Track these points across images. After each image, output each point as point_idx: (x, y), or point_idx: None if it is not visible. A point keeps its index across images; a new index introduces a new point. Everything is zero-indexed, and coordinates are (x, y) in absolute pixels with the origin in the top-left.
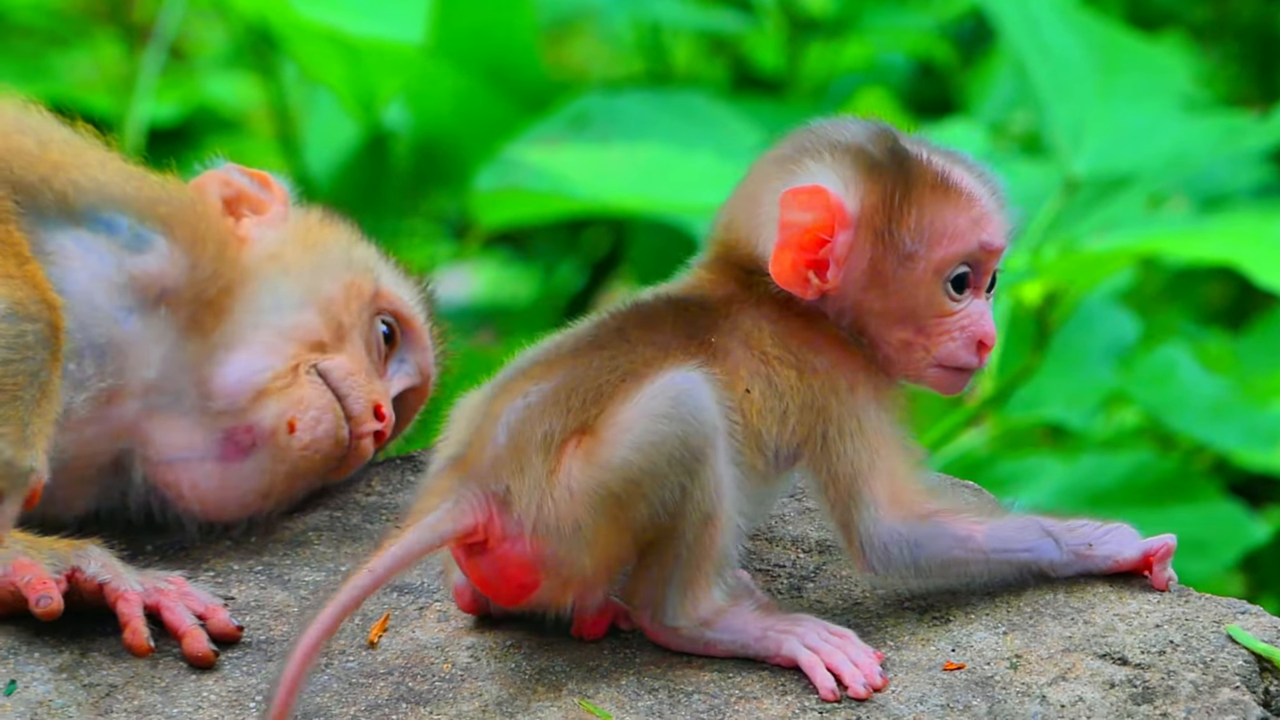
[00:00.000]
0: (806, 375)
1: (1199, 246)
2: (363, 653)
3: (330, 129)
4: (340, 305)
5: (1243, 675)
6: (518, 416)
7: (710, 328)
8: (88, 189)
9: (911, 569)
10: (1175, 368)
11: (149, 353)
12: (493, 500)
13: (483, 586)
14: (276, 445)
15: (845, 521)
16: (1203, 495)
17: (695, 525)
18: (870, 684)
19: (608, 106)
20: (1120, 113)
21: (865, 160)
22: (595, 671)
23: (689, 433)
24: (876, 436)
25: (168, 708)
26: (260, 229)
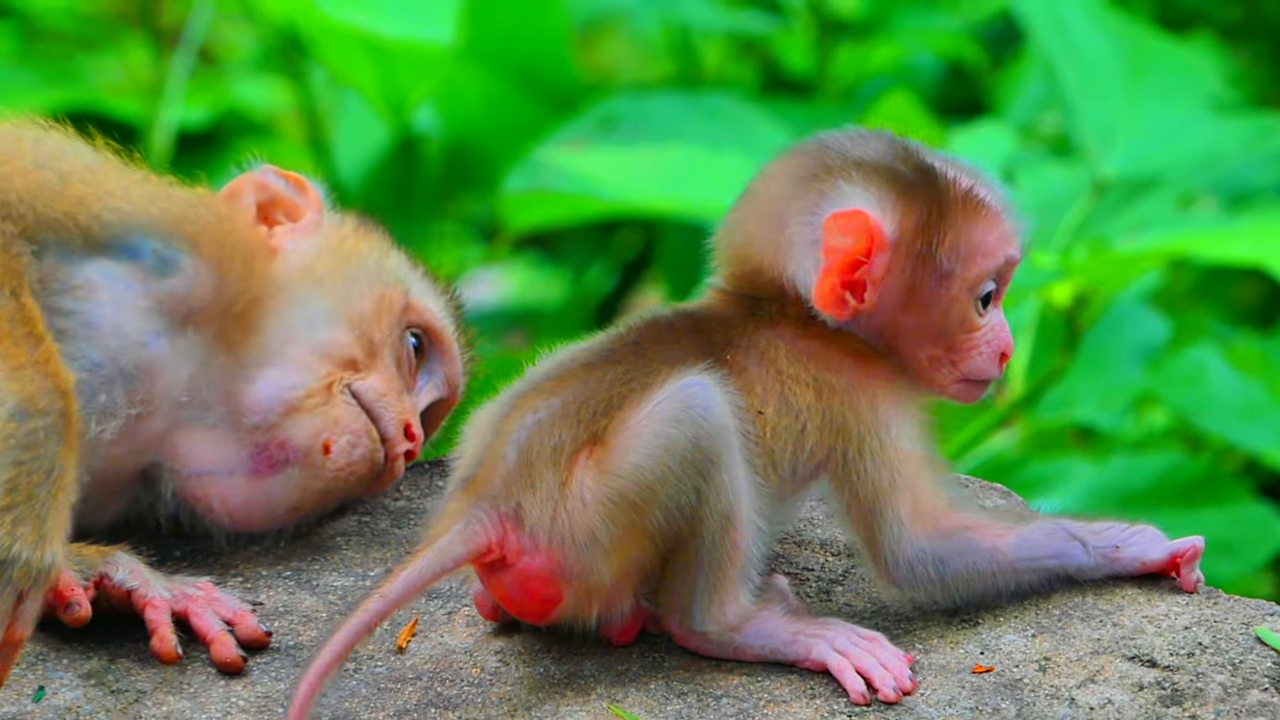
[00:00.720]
0: (825, 394)
1: (1228, 247)
2: (391, 658)
3: (360, 132)
4: (372, 321)
5: (1271, 677)
6: (527, 433)
7: (726, 344)
8: (111, 220)
9: (938, 585)
10: (1205, 369)
11: (178, 373)
12: (505, 519)
13: (508, 605)
14: (311, 464)
15: (869, 539)
16: (1233, 496)
17: (715, 528)
18: (900, 687)
19: (636, 108)
20: (1149, 113)
21: (899, 180)
22: (624, 675)
23: (700, 435)
24: (898, 453)
25: (196, 713)
26: (293, 239)
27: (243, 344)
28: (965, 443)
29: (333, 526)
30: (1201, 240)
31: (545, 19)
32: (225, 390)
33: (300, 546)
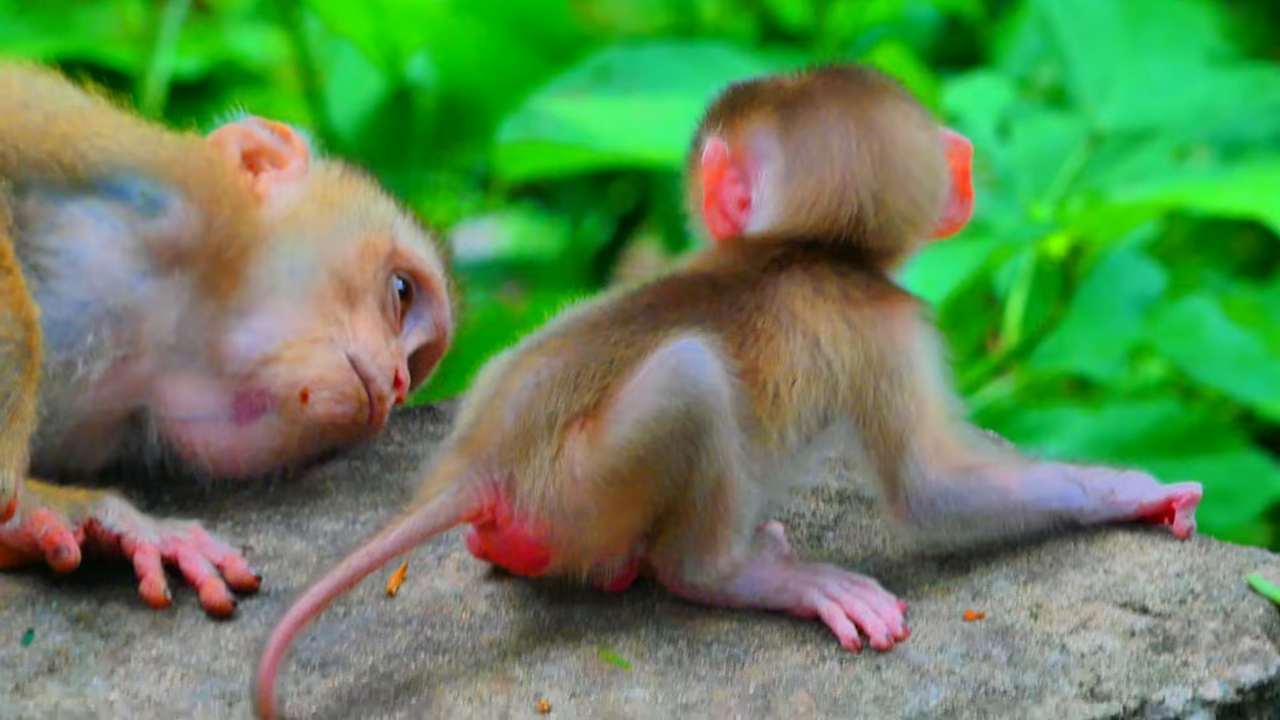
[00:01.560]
0: (858, 340)
1: (1224, 198)
2: (381, 602)
3: (354, 82)
4: (355, 267)
5: (1264, 624)
6: (526, 397)
7: (755, 309)
8: (97, 160)
9: (957, 522)
10: (1201, 319)
11: (165, 315)
12: (499, 484)
13: (497, 559)
14: (289, 412)
15: (890, 475)
16: (1228, 446)
17: (707, 492)
18: (892, 633)
19: (631, 59)
20: (1146, 66)
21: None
22: (614, 621)
23: (691, 404)
24: (922, 389)
25: (186, 656)
26: (279, 185)
27: (229, 290)
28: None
29: (323, 471)
30: (1197, 192)
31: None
32: (210, 337)
33: (290, 491)
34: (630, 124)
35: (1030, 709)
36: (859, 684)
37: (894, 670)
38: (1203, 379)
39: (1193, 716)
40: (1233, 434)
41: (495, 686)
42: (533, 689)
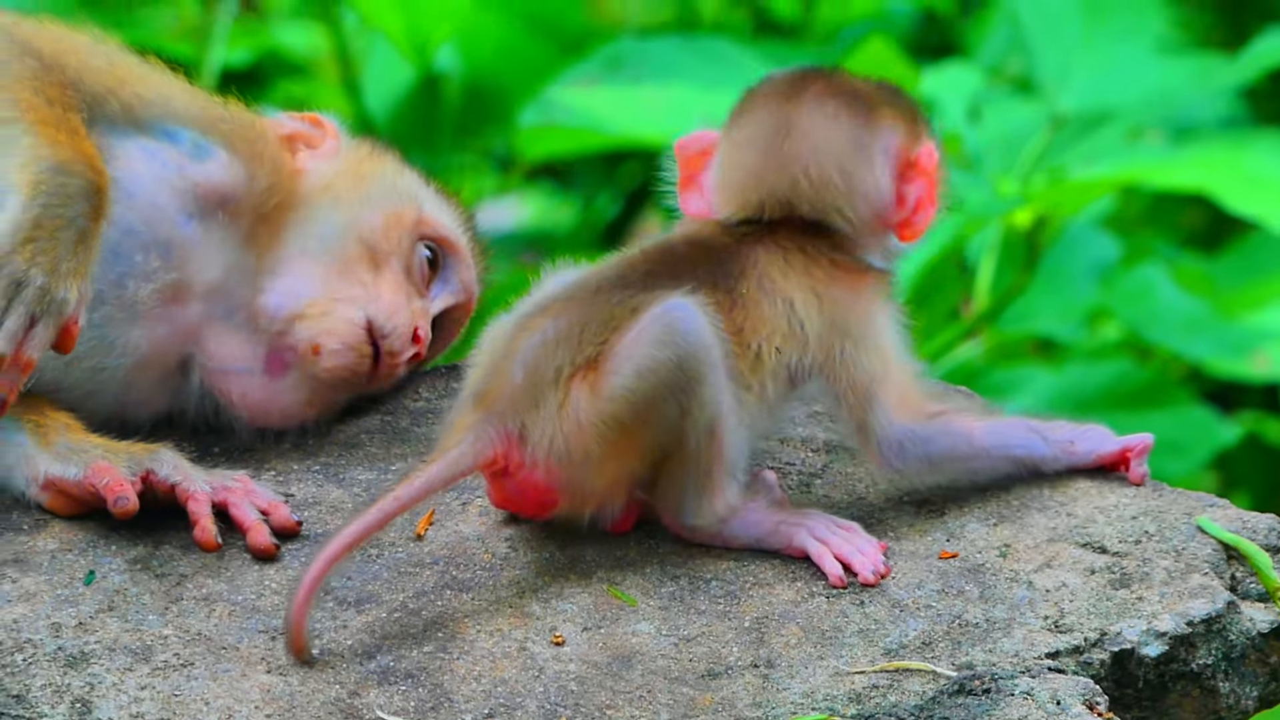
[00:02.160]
0: (825, 303)
1: (1175, 176)
2: (410, 544)
3: (388, 72)
4: (381, 234)
5: (1211, 563)
6: (534, 354)
7: (739, 276)
8: (152, 100)
9: (925, 463)
10: (1153, 286)
11: (210, 257)
12: (510, 435)
13: (508, 504)
14: (305, 366)
15: (862, 424)
16: (1178, 401)
17: (700, 438)
18: (877, 571)
19: (639, 50)
20: (1103, 54)
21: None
22: (622, 561)
23: (683, 356)
24: (886, 349)
25: (233, 595)
26: (314, 161)
27: (268, 249)
28: (934, 352)
29: (358, 425)
30: (1150, 169)
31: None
32: (247, 294)
33: (328, 443)
34: (638, 110)
35: (1000, 640)
36: (844, 618)
37: (876, 605)
38: (1155, 340)
39: (1147, 647)
40: (1182, 390)
41: (514, 621)
42: (548, 624)
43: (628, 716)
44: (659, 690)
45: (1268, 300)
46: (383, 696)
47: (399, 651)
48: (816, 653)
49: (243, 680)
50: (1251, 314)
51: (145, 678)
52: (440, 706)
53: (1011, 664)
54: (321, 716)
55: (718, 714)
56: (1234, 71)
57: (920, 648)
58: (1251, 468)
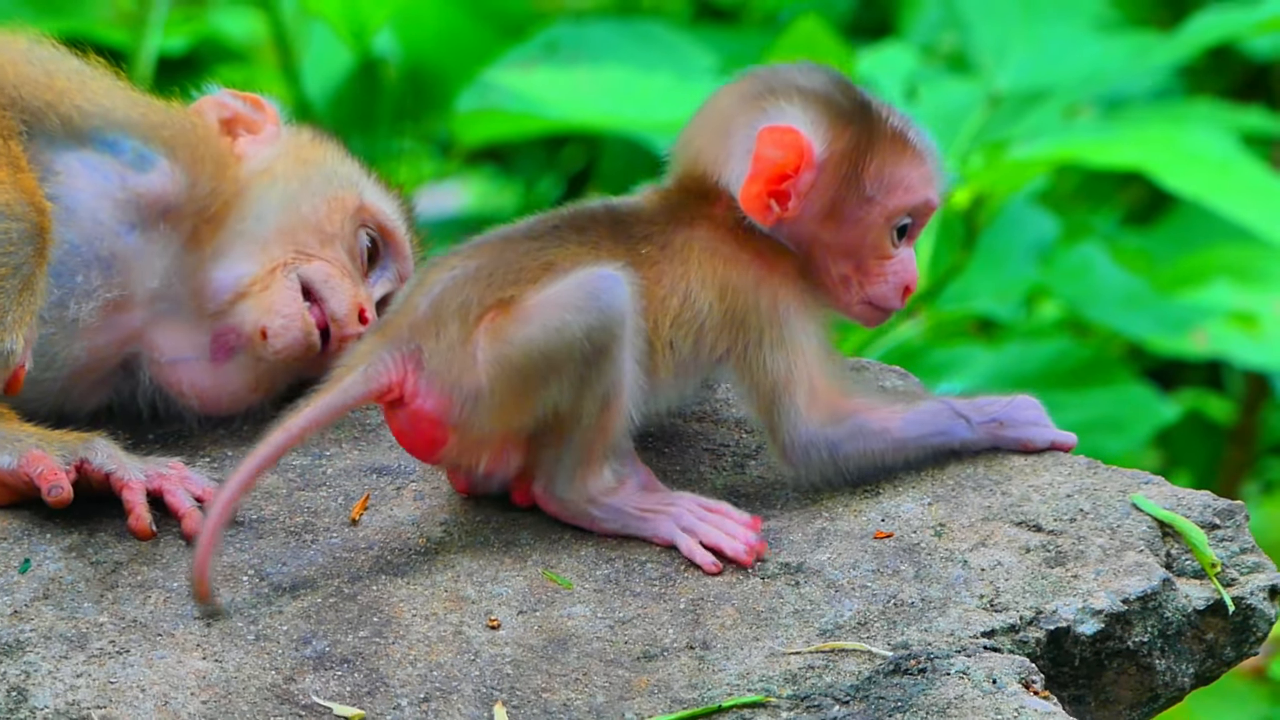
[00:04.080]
0: (728, 295)
1: (1112, 153)
2: (345, 529)
3: (327, 58)
4: (324, 217)
5: (1146, 540)
6: (441, 288)
7: (644, 239)
8: (92, 113)
9: (831, 467)
10: (1092, 264)
11: (152, 265)
12: (407, 360)
13: (400, 439)
14: (254, 348)
15: (770, 424)
16: (1117, 379)
17: (592, 411)
18: (751, 549)
19: (576, 34)
20: (1039, 32)
21: (835, 109)
22: (557, 544)
23: (594, 327)
24: (797, 347)
25: (168, 581)
26: (254, 147)
27: (210, 241)
28: (873, 333)
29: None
30: (1087, 147)
31: None
32: (193, 283)
33: (261, 428)
34: (575, 93)
35: (935, 619)
36: (779, 599)
37: (811, 586)
38: (1094, 318)
39: (1083, 625)
40: (1121, 367)
41: (449, 605)
42: (483, 607)
43: (563, 699)
44: (594, 673)
45: (1206, 276)
46: (319, 682)
47: (335, 637)
48: (752, 634)
49: (178, 666)
50: (1190, 291)
51: (81, 665)
52: (376, 691)
53: (947, 643)
54: (257, 702)
55: (653, 696)
56: (1171, 49)
57: (856, 628)
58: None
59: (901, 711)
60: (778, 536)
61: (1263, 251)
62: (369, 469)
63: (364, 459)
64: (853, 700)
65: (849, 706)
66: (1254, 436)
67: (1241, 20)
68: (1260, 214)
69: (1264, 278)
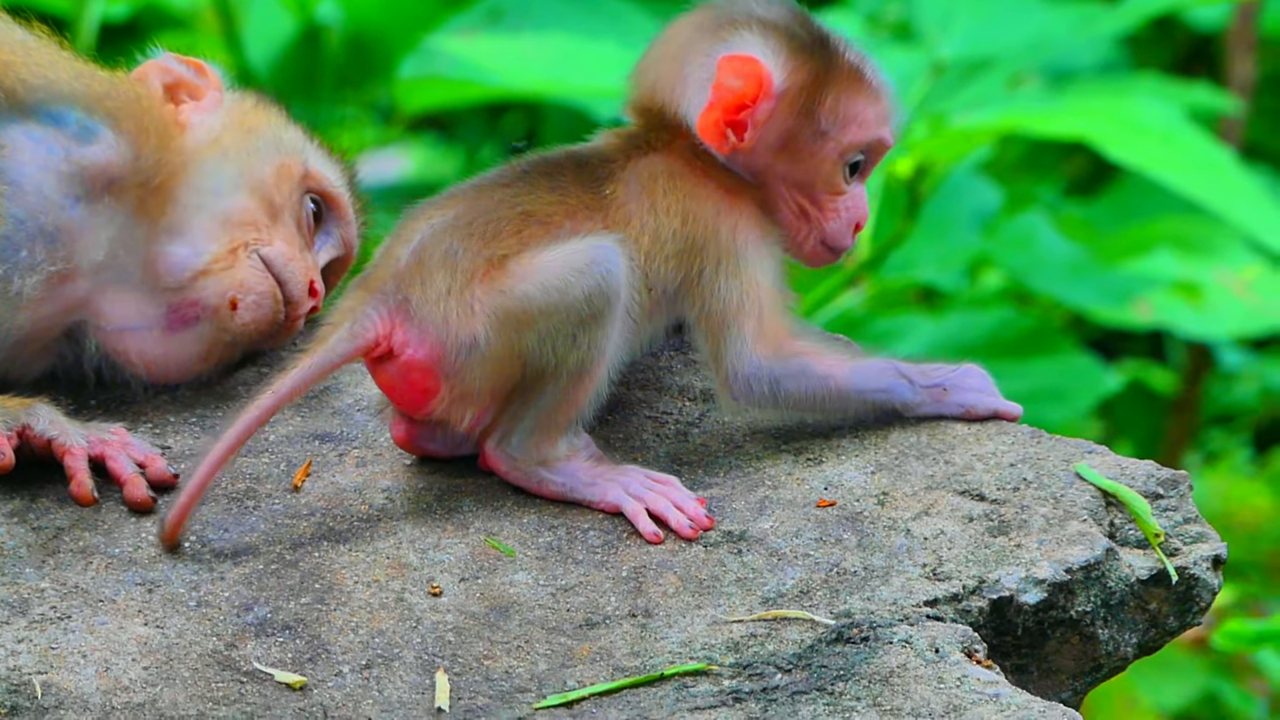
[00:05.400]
0: (690, 220)
1: (1056, 124)
2: (288, 496)
3: (269, 24)
4: (272, 186)
5: (1090, 509)
6: (421, 238)
7: (608, 179)
8: (36, 85)
9: (770, 402)
10: (1035, 233)
11: (97, 237)
12: (394, 312)
13: (389, 393)
14: (219, 320)
15: (715, 354)
16: (1060, 349)
17: (571, 374)
18: (696, 523)
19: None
20: (984, 1)
21: (794, 40)
22: (500, 511)
23: (594, 291)
24: (751, 278)
25: (110, 548)
26: (199, 114)
27: (158, 213)
28: (816, 301)
29: (235, 377)
30: (1031, 117)
31: None
32: (144, 255)
33: (205, 395)
34: (519, 60)
35: (878, 588)
36: (722, 567)
37: (754, 554)
38: (1037, 287)
39: (1026, 595)
40: (1064, 337)
41: (391, 572)
42: (425, 574)
43: (505, 667)
44: (537, 640)
45: (1149, 247)
46: (260, 648)
47: (276, 603)
48: (694, 602)
49: (120, 633)
50: (1133, 261)
51: (22, 630)
52: (318, 658)
53: (890, 612)
54: (199, 669)
55: (596, 664)
56: (1115, 19)
57: (798, 596)
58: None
59: (844, 680)
60: (720, 505)
61: (1206, 223)
62: (311, 435)
63: (306, 425)
64: (795, 669)
65: (791, 675)
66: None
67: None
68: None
69: (1207, 249)
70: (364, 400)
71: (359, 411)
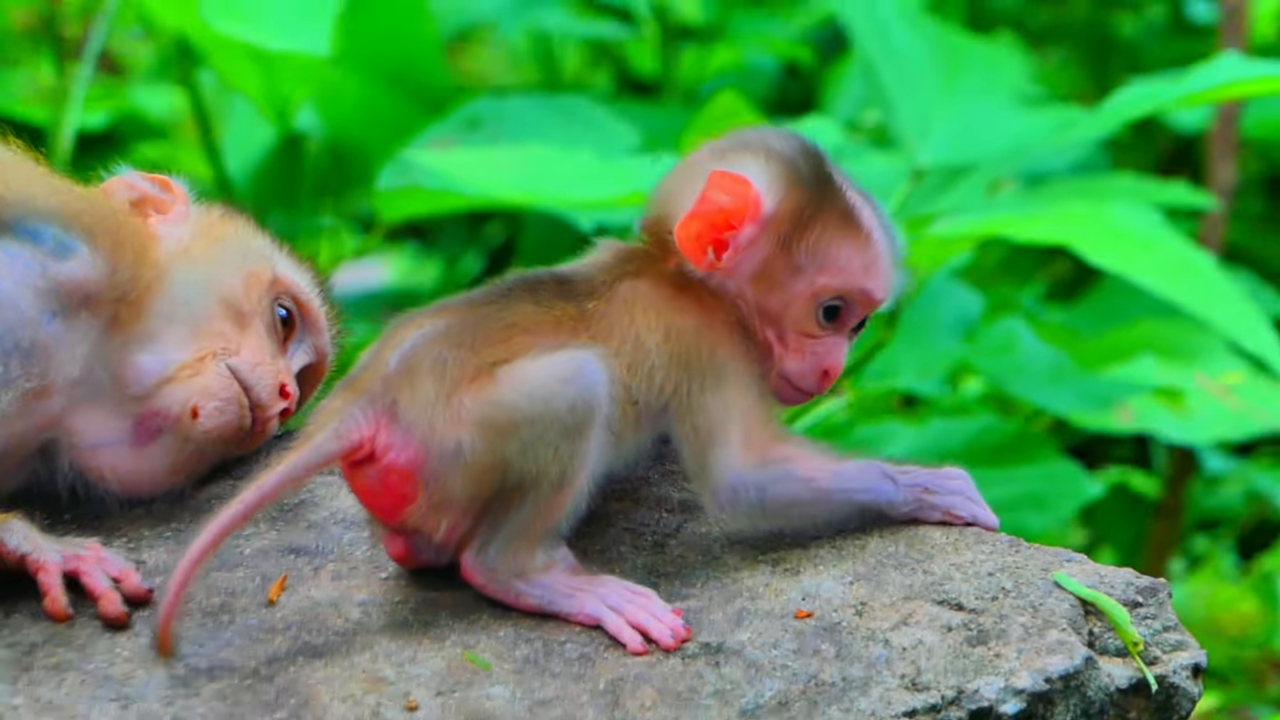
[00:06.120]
0: (672, 337)
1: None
2: (263, 610)
3: (247, 133)
4: (241, 294)
5: (1069, 618)
6: (412, 345)
7: (592, 294)
8: (13, 202)
9: (758, 508)
10: (1015, 339)
11: (73, 353)
12: (380, 414)
13: (364, 497)
14: (181, 429)
15: (701, 466)
16: (1042, 455)
17: (551, 484)
18: (676, 635)
19: (497, 110)
20: (962, 108)
21: (792, 172)
22: (476, 624)
23: (578, 401)
24: (733, 391)
25: (84, 664)
26: (166, 227)
27: (131, 326)
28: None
29: (208, 490)
30: (1010, 223)
31: (416, 28)
32: (114, 368)
33: (179, 509)
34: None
35: (856, 699)
36: (700, 679)
37: (731, 666)
38: (1018, 394)
39: (1005, 705)
40: (1046, 443)
41: (367, 687)
42: (402, 689)
43: None
44: None
45: (1130, 352)
46: None
47: (252, 719)
48: (672, 715)
49: None
50: (1115, 366)
51: None
52: None
53: None
54: None
55: None
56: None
57: (776, 708)
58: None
59: None
60: (698, 616)
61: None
62: (286, 549)
63: (281, 539)
64: None
65: None
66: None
67: (1165, 94)
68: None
69: (1188, 353)
70: (340, 514)
71: (335, 525)
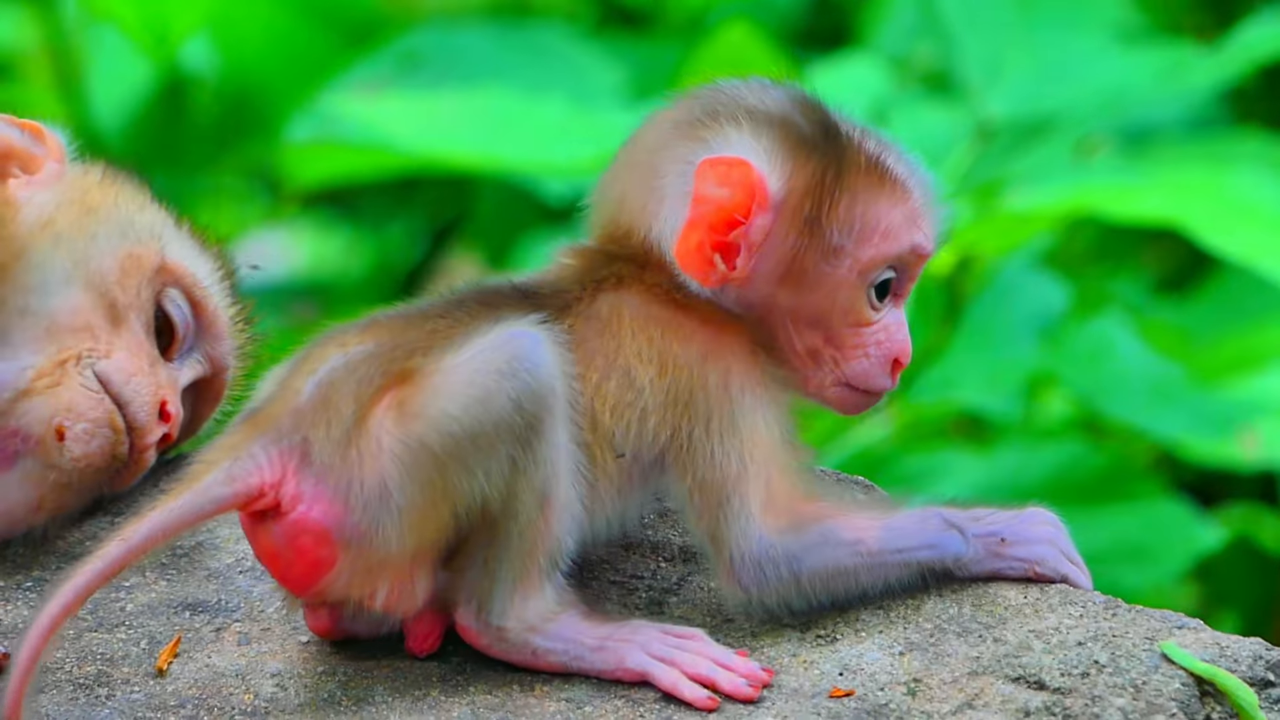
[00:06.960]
0: (670, 369)
1: (1138, 204)
2: (150, 682)
3: (120, 72)
4: (115, 282)
5: (1180, 700)
6: (329, 370)
7: (560, 311)
8: None
9: (793, 586)
10: (1112, 344)
11: None
12: (287, 456)
13: (269, 562)
14: (45, 453)
15: (714, 535)
16: (1144, 494)
17: (529, 507)
18: (754, 680)
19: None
20: (1043, 44)
21: (794, 134)
22: (422, 702)
23: (524, 395)
24: (751, 435)
25: None
26: (31, 191)
27: None
28: (827, 431)
29: (81, 530)
30: (1106, 195)
31: None
32: None
33: (43, 554)
34: (441, 121)
35: None
36: None
37: None
38: (1114, 414)
39: None
40: (1149, 479)
41: None
42: None
43: None
44: None
45: (1258, 361)
46: None
47: None
48: None
49: None
50: (1238, 380)
51: None
52: None
53: None
54: None
55: None
56: (1212, 67)
57: None
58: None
59: None
60: None
61: None
62: (180, 604)
63: (173, 592)
64: None
65: None
66: None
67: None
68: None
69: None
70: (247, 559)
71: (241, 574)
